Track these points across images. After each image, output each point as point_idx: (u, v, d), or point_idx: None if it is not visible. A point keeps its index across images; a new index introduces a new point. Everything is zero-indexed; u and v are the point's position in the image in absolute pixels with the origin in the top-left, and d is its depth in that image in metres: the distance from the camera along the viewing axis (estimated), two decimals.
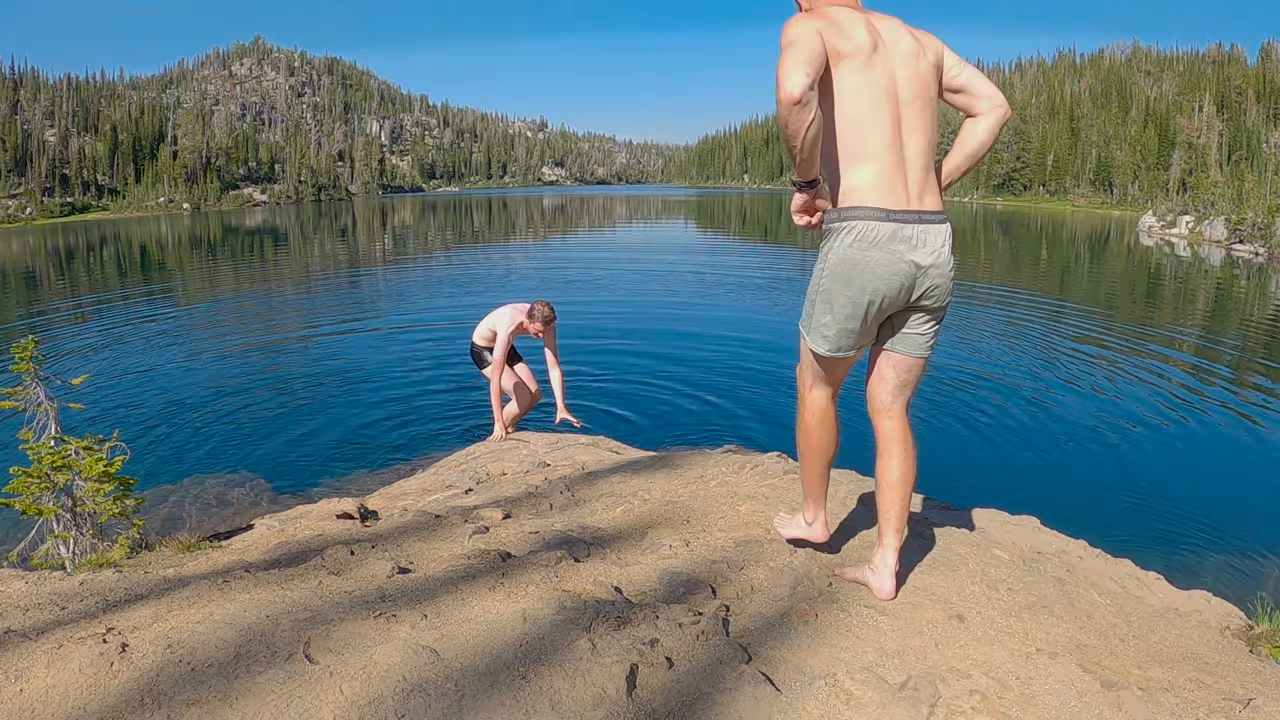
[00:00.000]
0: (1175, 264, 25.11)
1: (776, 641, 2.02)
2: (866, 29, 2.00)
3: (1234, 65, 65.30)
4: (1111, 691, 1.84)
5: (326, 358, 10.71)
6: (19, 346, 3.72)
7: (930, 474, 5.95)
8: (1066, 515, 3.90)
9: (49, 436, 3.67)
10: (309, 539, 2.97)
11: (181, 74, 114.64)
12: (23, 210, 59.58)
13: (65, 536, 3.48)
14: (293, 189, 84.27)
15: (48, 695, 1.60)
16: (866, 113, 1.99)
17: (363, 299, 17.73)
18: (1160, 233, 34.64)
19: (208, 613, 1.94)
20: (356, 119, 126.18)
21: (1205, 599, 2.59)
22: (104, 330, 13.35)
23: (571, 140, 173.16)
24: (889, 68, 2.01)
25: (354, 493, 5.18)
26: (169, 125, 76.95)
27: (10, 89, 71.99)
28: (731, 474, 3.72)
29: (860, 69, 1.97)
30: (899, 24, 2.11)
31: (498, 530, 3.05)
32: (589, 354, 9.99)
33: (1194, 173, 52.86)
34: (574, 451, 5.13)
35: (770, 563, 2.49)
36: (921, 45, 2.09)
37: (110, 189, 69.89)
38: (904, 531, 2.27)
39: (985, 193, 69.49)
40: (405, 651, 1.71)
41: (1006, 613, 2.25)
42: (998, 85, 2.72)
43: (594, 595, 2.15)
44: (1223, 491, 6.17)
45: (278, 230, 45.77)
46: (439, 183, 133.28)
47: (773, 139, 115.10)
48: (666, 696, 1.69)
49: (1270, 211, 27.80)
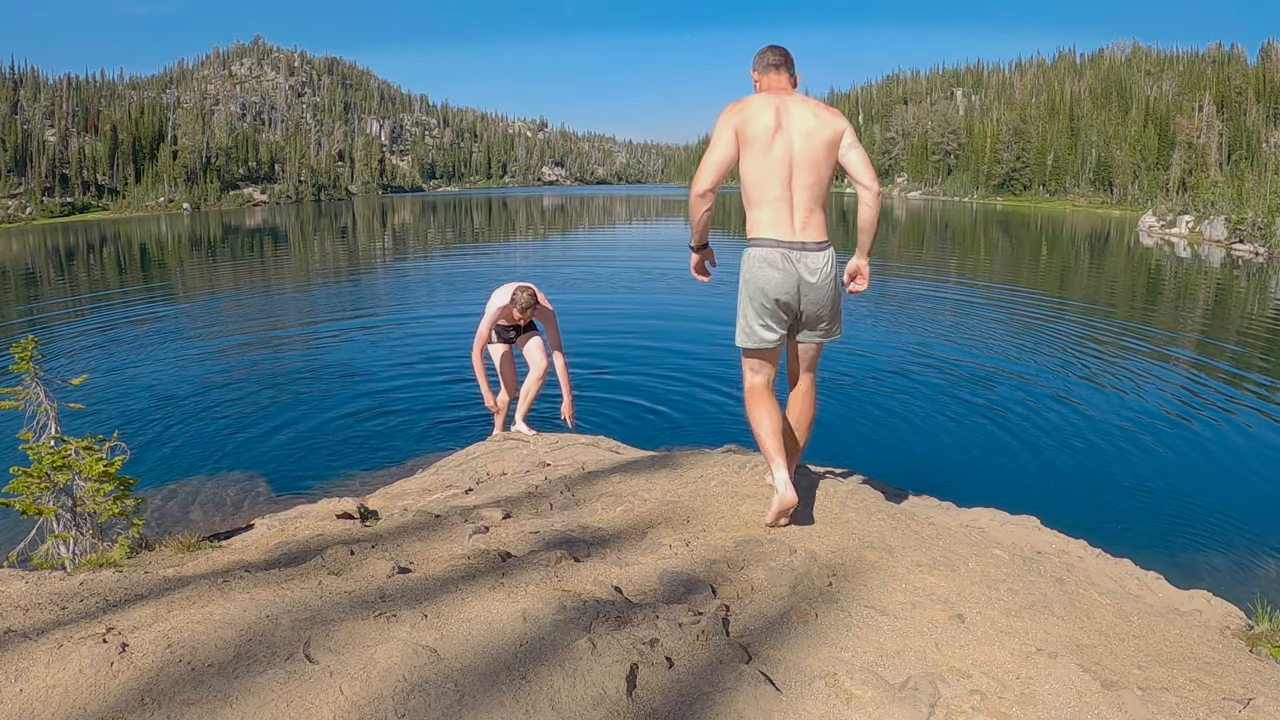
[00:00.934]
0: (1175, 264, 25.10)
1: (776, 641, 2.02)
2: (774, 114, 2.83)
3: (1234, 65, 65.26)
4: (1111, 691, 1.84)
5: (326, 357, 10.71)
6: (19, 346, 3.72)
7: (930, 474, 5.98)
8: (1066, 515, 3.91)
9: (49, 436, 3.67)
10: (309, 539, 2.97)
11: (181, 74, 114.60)
12: (23, 210, 59.57)
13: (65, 536, 3.48)
14: (293, 189, 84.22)
15: (48, 695, 1.60)
16: (766, 174, 2.84)
17: (363, 298, 17.73)
18: (1160, 233, 34.63)
19: (208, 613, 1.94)
20: (356, 119, 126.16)
21: (1205, 599, 2.59)
22: (104, 330, 13.34)
23: (571, 140, 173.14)
24: (788, 140, 2.83)
25: (354, 493, 5.18)
26: (169, 125, 76.90)
27: (10, 89, 71.94)
28: (731, 474, 3.72)
29: (764, 146, 2.82)
30: (810, 107, 2.89)
31: (498, 530, 3.05)
32: (589, 353, 9.99)
33: (1194, 173, 52.81)
34: (574, 451, 5.12)
35: (770, 563, 2.49)
36: (821, 123, 2.87)
37: (110, 189, 69.86)
38: (796, 457, 3.19)
39: (985, 192, 69.47)
40: (405, 651, 1.71)
41: (1006, 613, 2.25)
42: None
43: (594, 595, 2.15)
44: (1223, 491, 6.16)
45: (278, 230, 45.76)
46: (439, 182, 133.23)
47: None
48: (666, 696, 1.69)
49: (1270, 211, 27.78)
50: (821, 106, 2.91)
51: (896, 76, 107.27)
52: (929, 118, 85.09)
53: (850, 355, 10.32)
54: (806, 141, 2.84)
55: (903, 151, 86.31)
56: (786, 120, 2.84)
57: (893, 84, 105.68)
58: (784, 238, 2.85)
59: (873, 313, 14.95)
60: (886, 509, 3.12)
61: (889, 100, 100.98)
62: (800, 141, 2.83)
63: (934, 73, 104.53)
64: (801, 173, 2.84)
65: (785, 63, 2.99)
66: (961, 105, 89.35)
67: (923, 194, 77.16)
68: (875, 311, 15.15)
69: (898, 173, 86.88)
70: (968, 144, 74.64)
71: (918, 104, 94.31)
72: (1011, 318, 13.99)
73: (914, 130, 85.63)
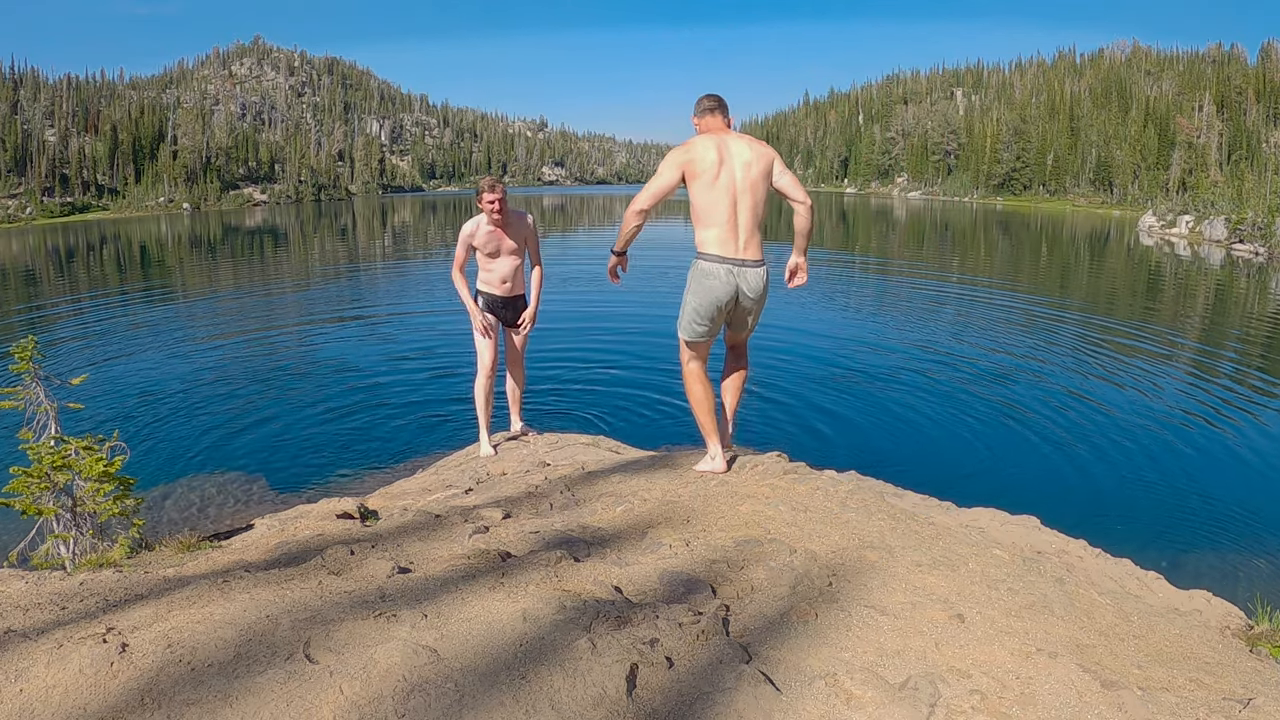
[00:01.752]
0: (1175, 264, 25.10)
1: (776, 641, 2.02)
2: (717, 151, 3.41)
3: (1234, 65, 65.20)
4: (1111, 691, 1.84)
5: (326, 357, 10.71)
6: (19, 346, 3.72)
7: (931, 474, 5.97)
8: (1066, 515, 3.91)
9: (49, 436, 3.67)
10: (309, 539, 2.97)
11: (181, 74, 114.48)
12: (23, 210, 59.52)
13: (65, 536, 3.48)
14: (293, 189, 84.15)
15: (48, 695, 1.60)
16: (713, 202, 3.42)
17: (362, 298, 17.73)
18: (1160, 232, 34.62)
19: (208, 613, 1.94)
20: (356, 119, 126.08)
21: (1205, 599, 2.58)
22: (103, 330, 13.35)
23: (571, 140, 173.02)
24: (731, 172, 3.41)
25: (354, 493, 5.18)
26: (169, 125, 76.82)
27: (10, 89, 71.87)
28: (731, 474, 3.73)
29: (709, 179, 3.41)
30: (746, 143, 3.45)
31: (498, 530, 3.05)
32: (589, 352, 9.99)
33: (1194, 173, 52.78)
34: (574, 451, 5.12)
35: (770, 563, 2.49)
36: (756, 156, 3.43)
37: (110, 189, 69.80)
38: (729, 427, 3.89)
39: (985, 192, 69.45)
40: (405, 651, 1.71)
41: (1006, 612, 2.25)
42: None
43: (594, 595, 2.15)
44: (1223, 491, 6.16)
45: (278, 230, 45.75)
46: (439, 182, 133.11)
47: (772, 139, 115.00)
48: (666, 696, 1.69)
49: (1270, 211, 27.78)
50: (755, 141, 3.47)
51: (896, 76, 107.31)
52: (929, 118, 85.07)
53: (850, 355, 10.33)
54: (745, 172, 3.41)
55: (903, 151, 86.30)
56: (728, 155, 3.41)
57: (893, 84, 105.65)
58: (728, 255, 3.44)
59: (872, 312, 14.95)
60: (886, 509, 3.12)
61: (889, 100, 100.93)
62: (740, 172, 3.40)
63: (934, 73, 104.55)
64: (744, 199, 3.41)
65: (720, 106, 3.56)
66: (961, 105, 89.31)
67: (923, 194, 77.15)
68: (875, 311, 15.15)
69: (898, 173, 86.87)
70: (968, 144, 74.63)
71: (918, 104, 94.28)
72: (1012, 318, 13.98)
73: (914, 130, 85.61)
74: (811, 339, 11.33)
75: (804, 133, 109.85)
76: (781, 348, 10.28)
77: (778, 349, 10.26)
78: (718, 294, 3.47)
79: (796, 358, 9.96)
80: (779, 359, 9.70)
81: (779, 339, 10.82)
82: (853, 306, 15.65)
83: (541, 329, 5.97)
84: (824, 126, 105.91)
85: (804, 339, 11.19)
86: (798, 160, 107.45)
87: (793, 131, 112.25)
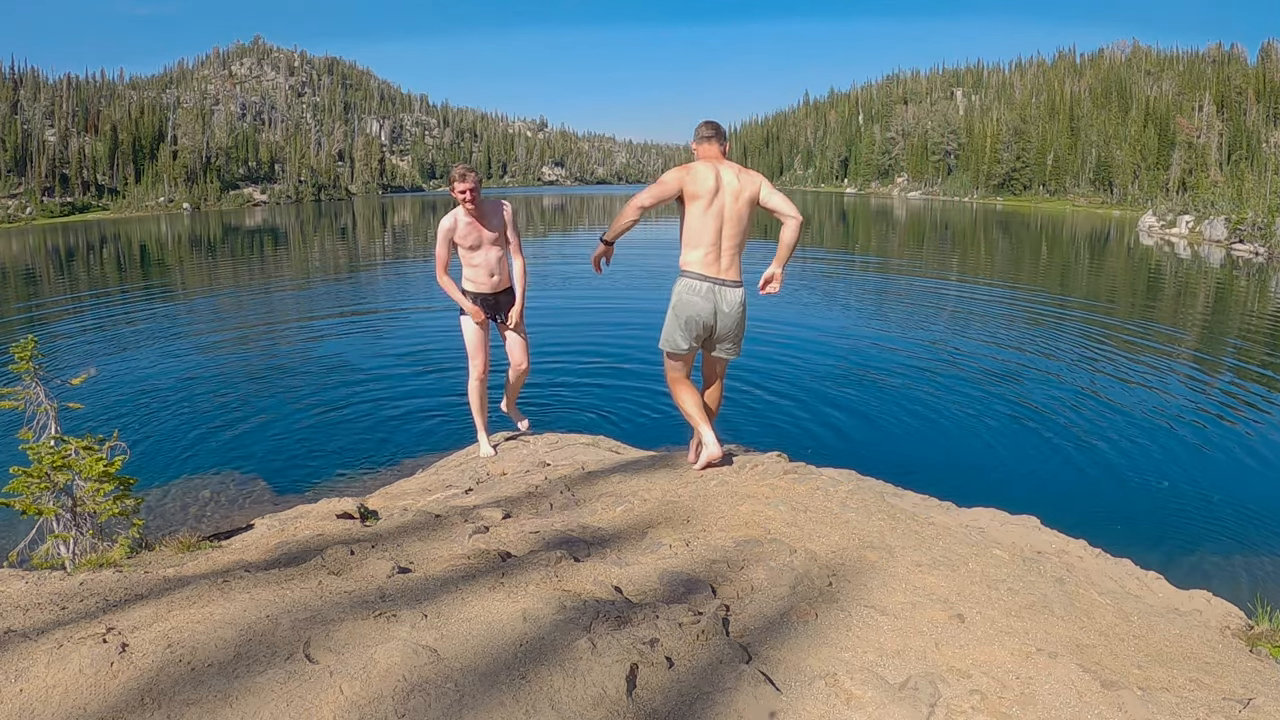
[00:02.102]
0: (1175, 264, 25.10)
1: (776, 641, 2.02)
2: (714, 178, 3.64)
3: (1234, 65, 65.20)
4: (1111, 691, 1.84)
5: (326, 357, 10.70)
6: (19, 346, 3.72)
7: (931, 473, 5.97)
8: (1066, 515, 3.90)
9: (49, 436, 3.67)
10: (309, 539, 2.97)
11: (181, 74, 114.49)
12: (23, 210, 59.52)
13: (65, 536, 3.48)
14: (293, 189, 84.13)
15: (48, 695, 1.60)
16: (703, 226, 3.66)
17: (362, 297, 17.72)
18: (1160, 232, 34.61)
19: (208, 613, 1.94)
20: (356, 119, 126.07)
21: (1205, 599, 2.58)
22: (103, 330, 13.34)
23: (571, 140, 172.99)
24: (721, 199, 3.65)
25: (354, 493, 5.18)
26: (169, 125, 76.83)
27: (10, 89, 71.86)
28: (731, 474, 3.73)
29: (704, 203, 3.64)
30: (734, 172, 3.68)
31: (498, 530, 3.05)
32: (589, 352, 9.98)
33: (1194, 173, 52.77)
34: (574, 451, 5.12)
35: (770, 563, 2.49)
36: (744, 184, 3.66)
37: (110, 189, 69.80)
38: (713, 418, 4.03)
39: (985, 192, 69.44)
40: (405, 651, 1.71)
41: (1006, 613, 2.25)
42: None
43: (594, 595, 2.15)
44: (1223, 491, 6.16)
45: (278, 230, 45.75)
46: (439, 183, 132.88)
47: (772, 139, 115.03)
48: (666, 696, 1.69)
49: (1270, 211, 27.77)
50: (743, 170, 3.71)
51: (896, 76, 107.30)
52: (929, 118, 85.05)
53: (850, 355, 10.33)
54: (734, 201, 3.65)
55: (903, 151, 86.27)
56: (722, 184, 3.66)
57: (893, 84, 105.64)
58: (710, 274, 3.69)
59: (872, 313, 14.95)
60: (886, 509, 3.12)
61: (889, 100, 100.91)
62: (730, 200, 3.65)
63: (934, 73, 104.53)
64: (730, 225, 3.66)
65: (717, 135, 3.80)
66: (961, 105, 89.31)
67: (923, 194, 77.13)
68: (875, 311, 15.15)
69: (898, 173, 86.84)
70: (968, 144, 74.60)
71: (918, 104, 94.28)
72: (1012, 318, 13.98)
73: (914, 130, 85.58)
74: (812, 339, 11.33)
75: (804, 133, 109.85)
76: (781, 348, 10.28)
77: (778, 349, 10.26)
78: (699, 309, 3.70)
79: (797, 358, 9.96)
80: (779, 359, 9.70)
81: (779, 339, 10.82)
82: (853, 306, 15.65)
83: (542, 328, 5.98)
84: (824, 126, 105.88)
85: (804, 339, 11.19)
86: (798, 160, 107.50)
87: (792, 131, 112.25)
